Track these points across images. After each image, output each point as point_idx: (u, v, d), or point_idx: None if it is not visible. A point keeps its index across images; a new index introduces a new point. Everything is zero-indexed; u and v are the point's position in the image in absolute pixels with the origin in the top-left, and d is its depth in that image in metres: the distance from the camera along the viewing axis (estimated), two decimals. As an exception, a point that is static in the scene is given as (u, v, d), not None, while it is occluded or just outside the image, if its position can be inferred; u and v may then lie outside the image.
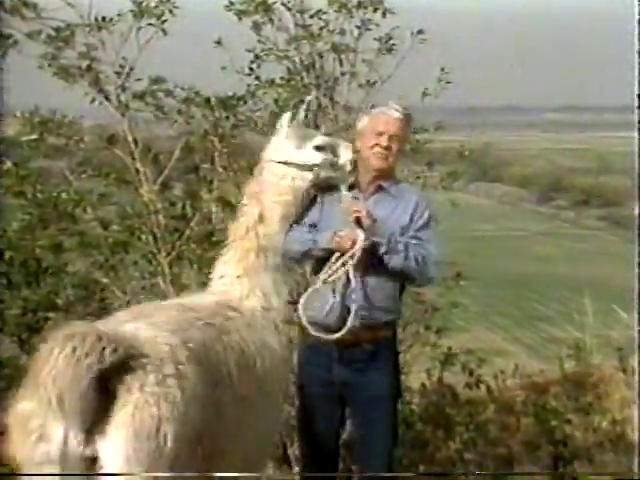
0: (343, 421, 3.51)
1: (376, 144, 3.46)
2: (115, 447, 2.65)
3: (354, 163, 3.50)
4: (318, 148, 3.50)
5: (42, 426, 2.65)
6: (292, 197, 3.46)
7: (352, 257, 3.31)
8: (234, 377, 3.07)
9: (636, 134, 4.22)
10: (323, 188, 3.52)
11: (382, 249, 3.34)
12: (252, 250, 3.40)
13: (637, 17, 4.05)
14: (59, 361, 2.59)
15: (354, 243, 3.32)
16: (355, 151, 3.52)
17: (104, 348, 2.63)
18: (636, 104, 4.19)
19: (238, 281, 3.38)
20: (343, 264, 3.33)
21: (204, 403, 2.86)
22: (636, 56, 4.14)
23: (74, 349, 2.60)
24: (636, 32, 4.08)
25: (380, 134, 3.47)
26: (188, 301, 3.33)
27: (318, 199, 3.51)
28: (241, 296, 3.35)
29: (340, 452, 3.54)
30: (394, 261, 3.35)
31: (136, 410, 2.66)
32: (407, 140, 3.64)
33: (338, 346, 3.39)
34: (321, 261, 3.43)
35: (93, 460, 2.68)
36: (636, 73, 4.16)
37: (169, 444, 2.68)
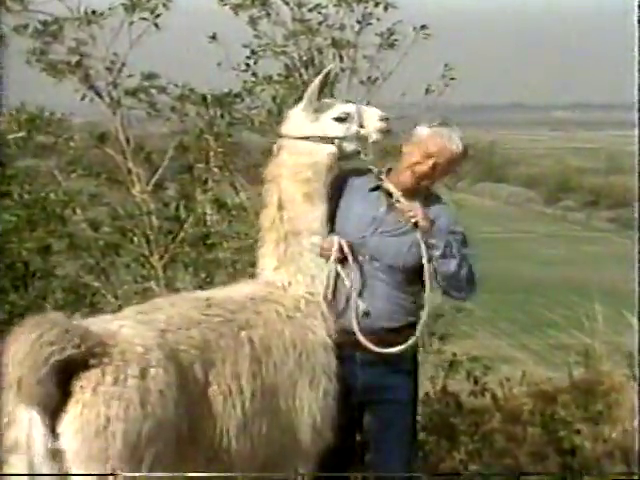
0: (360, 426, 3.51)
1: (418, 163, 3.39)
2: (65, 443, 2.73)
3: (384, 130, 3.38)
4: (339, 119, 3.36)
5: (11, 412, 2.75)
6: (312, 174, 3.34)
7: (340, 261, 3.32)
8: (251, 372, 3.10)
9: (636, 132, 4.24)
10: (352, 171, 3.44)
11: (438, 252, 3.31)
12: (281, 240, 3.33)
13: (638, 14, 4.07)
14: (23, 345, 2.68)
15: (333, 246, 3.31)
16: (384, 118, 3.41)
17: (69, 341, 2.71)
18: (636, 103, 4.22)
19: (277, 272, 3.35)
20: (337, 272, 3.33)
21: (185, 404, 2.91)
22: (636, 55, 4.17)
23: (40, 336, 2.68)
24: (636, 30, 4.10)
25: (429, 157, 3.37)
26: (218, 294, 3.35)
27: (347, 184, 3.41)
28: (283, 285, 3.33)
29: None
30: (447, 266, 3.32)
31: (84, 408, 2.73)
32: (450, 174, 3.52)
33: (361, 349, 3.38)
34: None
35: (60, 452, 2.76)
36: (636, 72, 4.18)
37: (118, 444, 2.73)
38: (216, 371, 3.05)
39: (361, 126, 3.39)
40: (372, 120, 3.38)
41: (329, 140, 3.34)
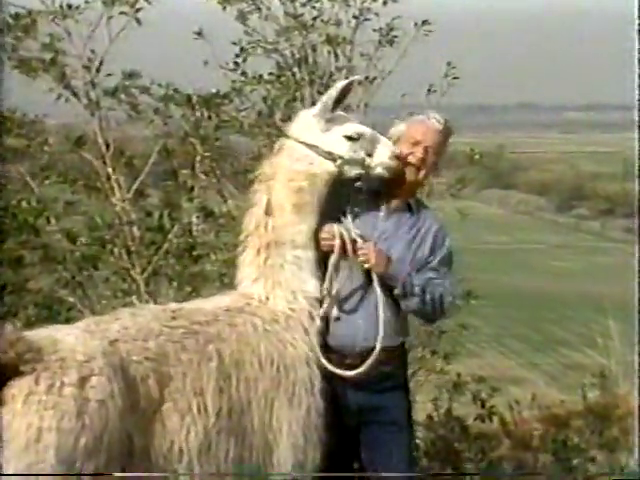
0: (357, 449, 3.54)
1: (410, 154, 3.46)
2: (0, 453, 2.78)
3: (391, 170, 3.37)
4: (349, 138, 3.35)
5: None
6: (307, 185, 3.33)
7: (343, 253, 3.33)
8: (217, 388, 3.13)
9: (636, 134, 4.30)
10: (352, 189, 3.43)
11: (396, 291, 3.39)
12: (262, 247, 3.36)
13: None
14: None
15: (335, 238, 3.33)
16: (396, 157, 3.40)
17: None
18: (636, 104, 4.28)
19: (256, 284, 3.36)
20: (335, 267, 3.34)
21: (135, 417, 2.96)
22: (636, 54, 4.23)
23: None
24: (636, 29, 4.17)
25: (416, 144, 3.44)
26: (188, 306, 3.40)
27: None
28: (260, 298, 3.35)
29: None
30: (408, 303, 3.42)
31: (15, 419, 2.77)
32: (443, 155, 3.57)
33: (351, 369, 3.40)
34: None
35: None
36: (636, 72, 4.24)
37: (50, 458, 2.77)
38: (174, 386, 3.08)
39: (369, 154, 3.38)
40: (383, 153, 3.39)
41: (332, 157, 3.35)
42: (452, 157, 6.13)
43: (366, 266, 3.38)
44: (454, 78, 5.27)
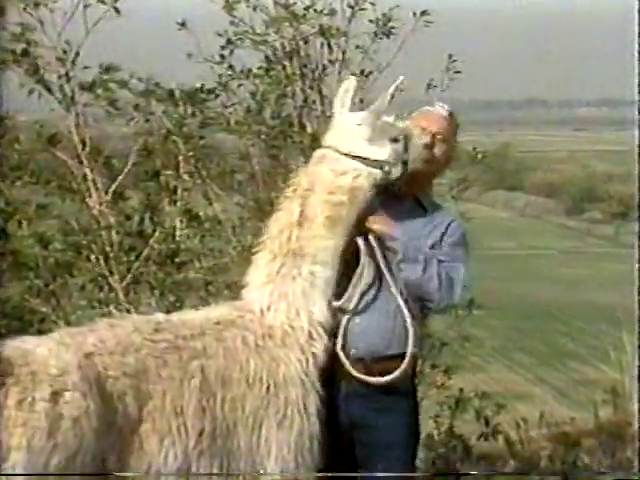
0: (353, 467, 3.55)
1: None
2: None
3: (425, 161, 3.41)
4: (394, 140, 3.39)
5: None
6: (348, 198, 3.34)
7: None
8: (199, 408, 3.14)
9: (636, 132, 4.36)
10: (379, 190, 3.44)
11: (397, 257, 3.39)
12: (280, 254, 3.34)
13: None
14: None
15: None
16: (428, 147, 3.44)
17: None
18: (636, 102, 4.34)
19: (262, 290, 3.37)
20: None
21: (111, 436, 2.98)
22: (636, 54, 4.30)
23: None
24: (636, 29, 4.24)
25: (424, 130, 3.49)
26: (174, 318, 3.41)
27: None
28: (261, 308, 3.36)
29: None
30: (409, 272, 3.39)
31: None
32: (453, 144, 3.58)
33: (348, 380, 3.43)
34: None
35: None
36: (636, 71, 4.30)
37: (20, 478, 2.83)
38: (153, 405, 3.09)
39: (406, 150, 3.41)
40: (417, 145, 3.42)
41: (378, 163, 3.36)
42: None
43: (367, 224, 3.38)
44: (456, 72, 5.30)
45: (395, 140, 3.38)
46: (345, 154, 3.37)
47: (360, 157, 3.36)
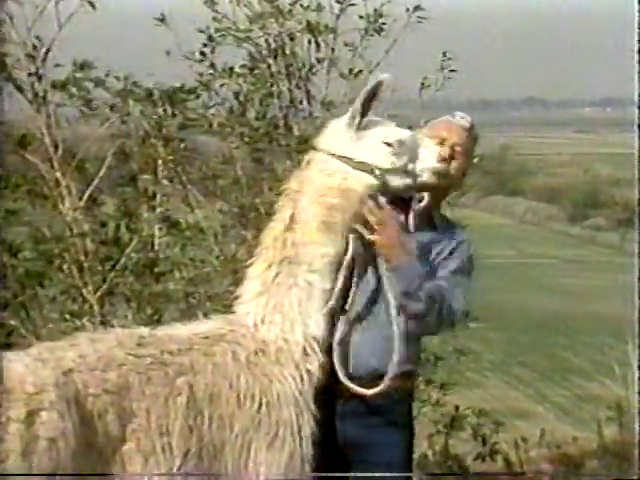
0: None
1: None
2: None
3: (441, 175, 3.39)
4: (388, 145, 3.36)
5: None
6: (340, 201, 3.34)
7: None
8: (186, 427, 3.15)
9: (636, 133, 4.41)
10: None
11: (400, 288, 3.40)
12: (275, 263, 3.35)
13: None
14: None
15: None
16: (443, 159, 3.41)
17: None
18: (636, 102, 4.40)
19: (256, 301, 3.37)
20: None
21: (91, 458, 2.99)
22: (636, 54, 4.35)
23: None
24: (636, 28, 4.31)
25: (442, 142, 3.49)
26: (160, 332, 3.41)
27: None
28: (255, 322, 3.36)
29: None
30: (409, 306, 3.43)
31: None
32: (471, 157, 3.60)
33: (341, 396, 3.45)
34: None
35: None
36: (636, 70, 4.35)
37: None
38: (137, 423, 3.10)
39: (412, 160, 3.39)
40: (429, 156, 3.40)
41: (369, 168, 3.35)
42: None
43: (371, 237, 3.37)
44: (451, 71, 5.34)
45: (389, 144, 3.37)
46: (332, 155, 3.39)
47: (347, 158, 3.37)
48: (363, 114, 3.37)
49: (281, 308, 3.36)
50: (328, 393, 3.45)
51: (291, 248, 3.36)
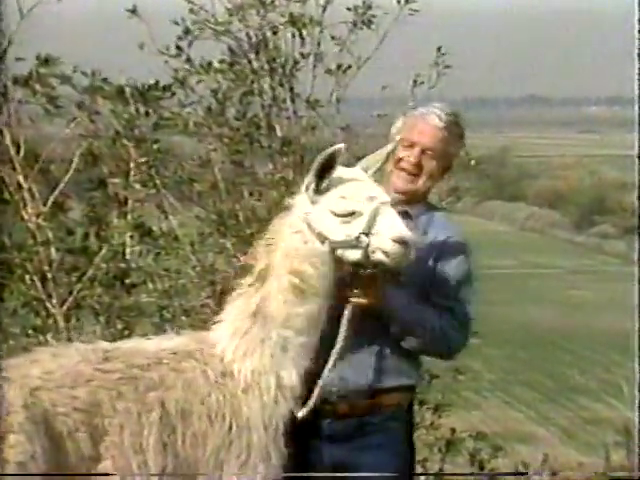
0: None
1: (402, 157, 3.51)
2: None
3: (395, 259, 3.26)
4: (338, 215, 3.31)
5: None
6: (307, 268, 3.35)
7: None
8: (160, 443, 3.20)
9: (636, 134, 4.48)
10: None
11: (392, 329, 3.47)
12: (248, 313, 3.39)
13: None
14: None
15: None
16: (401, 241, 3.27)
17: None
18: (636, 101, 4.47)
19: (229, 340, 3.40)
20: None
21: (60, 478, 3.02)
22: (636, 55, 4.42)
23: None
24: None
25: (411, 146, 3.52)
26: (125, 346, 3.46)
27: None
28: (224, 352, 3.39)
29: None
30: (409, 340, 3.50)
31: None
32: (450, 157, 3.60)
33: (329, 417, 3.49)
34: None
35: None
36: (636, 69, 4.42)
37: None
38: (110, 441, 3.14)
39: (366, 233, 3.29)
40: (385, 233, 3.27)
41: (321, 239, 3.33)
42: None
43: (358, 301, 3.40)
44: (445, 67, 5.37)
45: (340, 215, 3.31)
46: (296, 214, 3.39)
47: (307, 221, 3.36)
48: (321, 177, 3.33)
49: (251, 358, 3.40)
50: (315, 414, 3.48)
51: (262, 302, 3.39)
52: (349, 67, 5.28)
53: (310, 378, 3.43)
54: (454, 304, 3.54)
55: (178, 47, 5.22)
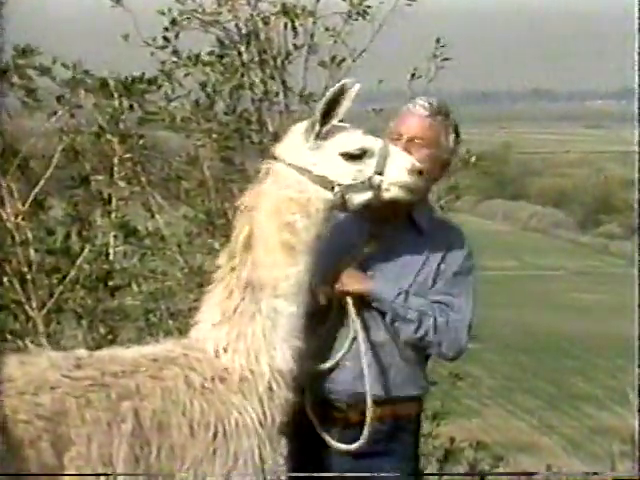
0: None
1: None
2: None
3: (411, 189, 3.40)
4: (349, 157, 3.38)
5: None
6: (300, 218, 3.39)
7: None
8: (132, 455, 3.19)
9: (636, 131, 4.51)
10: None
11: (387, 317, 3.51)
12: (236, 289, 3.39)
13: None
14: None
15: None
16: (416, 171, 3.41)
17: None
18: (636, 99, 4.50)
19: (215, 330, 3.41)
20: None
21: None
22: (636, 54, 4.45)
23: None
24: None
25: (399, 137, 3.54)
26: (102, 353, 3.45)
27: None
28: (216, 349, 3.39)
29: None
30: (402, 332, 3.53)
31: None
32: (443, 148, 3.61)
33: (338, 425, 3.54)
34: None
35: None
36: (636, 67, 4.44)
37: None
38: (76, 451, 3.13)
39: (380, 172, 3.39)
40: (398, 168, 3.37)
41: (329, 183, 3.37)
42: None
43: (337, 287, 3.48)
44: (445, 59, 5.39)
45: (351, 156, 3.39)
46: (289, 165, 3.41)
47: (305, 170, 3.39)
48: (324, 122, 3.37)
49: (245, 338, 3.41)
50: (326, 422, 3.55)
51: (252, 271, 3.40)
52: (343, 59, 5.30)
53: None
54: (455, 301, 3.58)
55: (165, 38, 5.24)
